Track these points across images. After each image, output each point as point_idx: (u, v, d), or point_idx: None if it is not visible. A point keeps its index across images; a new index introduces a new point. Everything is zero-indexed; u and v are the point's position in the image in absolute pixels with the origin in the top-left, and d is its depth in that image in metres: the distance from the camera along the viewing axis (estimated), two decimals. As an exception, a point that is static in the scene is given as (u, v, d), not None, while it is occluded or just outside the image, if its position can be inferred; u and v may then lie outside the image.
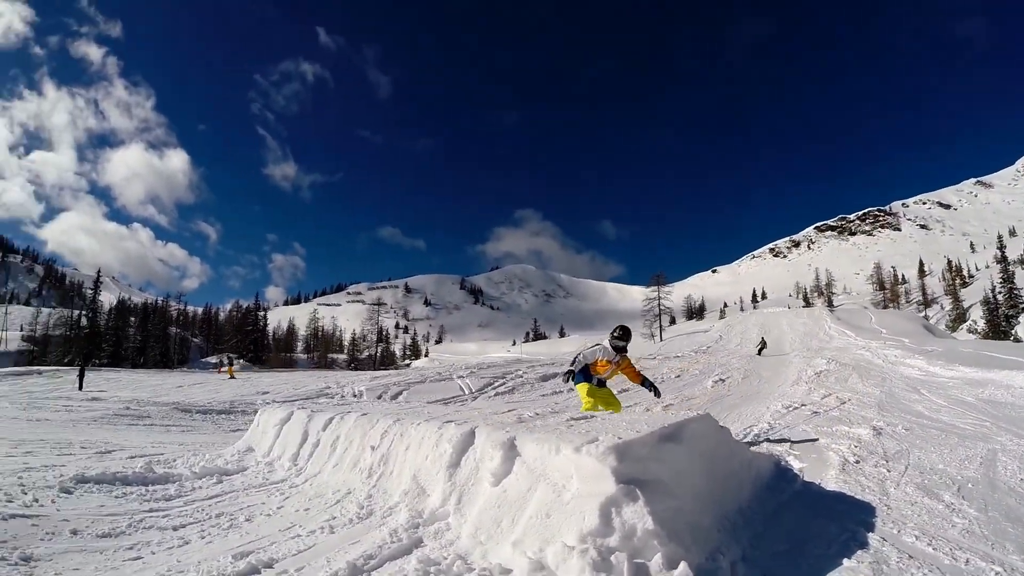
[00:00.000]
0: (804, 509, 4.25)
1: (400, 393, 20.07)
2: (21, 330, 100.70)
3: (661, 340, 72.04)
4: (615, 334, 8.21)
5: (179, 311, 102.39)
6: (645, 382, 8.16)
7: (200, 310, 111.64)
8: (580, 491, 3.41)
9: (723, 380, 18.37)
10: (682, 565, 2.92)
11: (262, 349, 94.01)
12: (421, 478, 4.28)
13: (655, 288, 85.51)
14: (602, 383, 8.32)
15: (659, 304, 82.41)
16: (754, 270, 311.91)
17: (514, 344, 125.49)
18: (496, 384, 19.51)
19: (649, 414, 5.54)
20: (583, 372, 8.23)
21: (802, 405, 10.40)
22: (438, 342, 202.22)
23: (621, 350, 8.17)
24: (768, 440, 7.08)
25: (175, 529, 4.31)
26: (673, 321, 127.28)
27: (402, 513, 4.03)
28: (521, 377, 20.66)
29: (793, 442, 6.76)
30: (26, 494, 5.06)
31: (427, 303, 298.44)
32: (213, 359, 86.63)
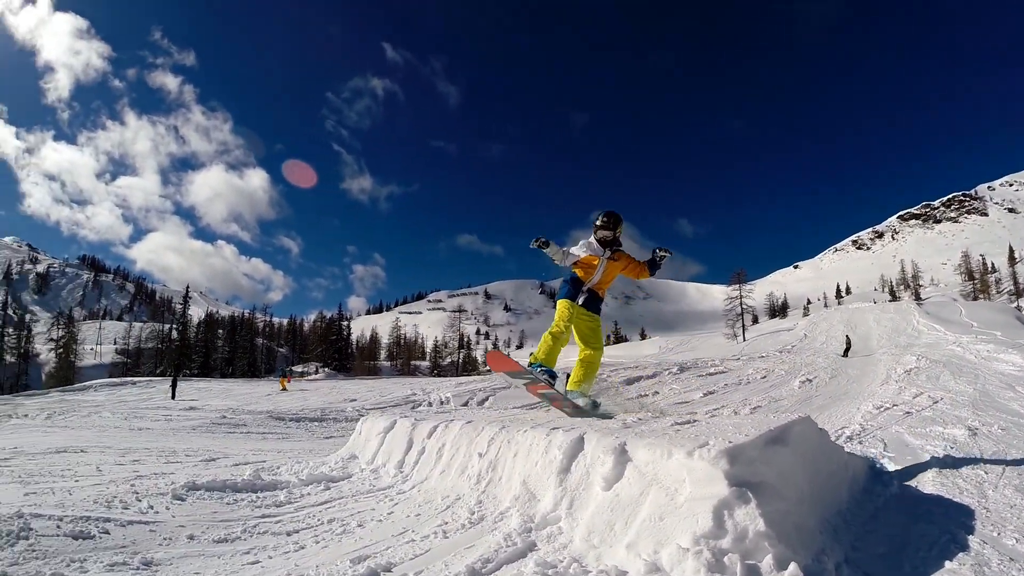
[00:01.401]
0: (902, 511, 4.15)
1: (486, 399, 20.21)
2: (115, 344, 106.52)
3: (744, 340, 71.00)
4: (598, 222, 6.90)
5: (265, 323, 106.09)
6: (652, 264, 7.00)
7: (285, 321, 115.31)
8: (693, 494, 3.36)
9: (810, 380, 17.99)
10: (792, 566, 2.88)
11: (346, 358, 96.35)
12: (531, 483, 4.27)
13: (736, 287, 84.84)
14: (593, 300, 6.91)
15: (740, 303, 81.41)
16: (837, 264, 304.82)
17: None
18: (581, 389, 19.44)
19: (739, 417, 5.43)
20: (572, 283, 6.86)
21: (893, 405, 10.10)
22: (519, 347, 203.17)
23: (611, 243, 6.90)
24: (861, 442, 6.86)
25: (288, 535, 4.39)
26: (756, 320, 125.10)
27: (514, 518, 4.03)
28: (606, 381, 20.53)
29: (887, 443, 6.55)
30: (140, 501, 5.23)
31: (507, 308, 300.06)
32: (299, 368, 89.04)
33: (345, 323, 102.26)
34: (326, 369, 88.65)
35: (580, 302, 6.80)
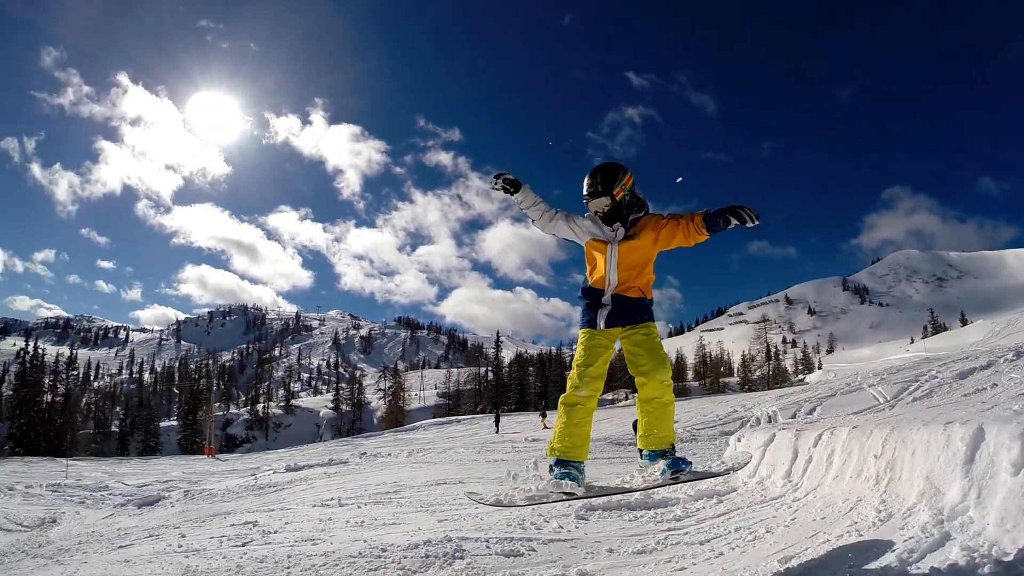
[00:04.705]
0: None
1: (814, 409, 19.65)
2: (435, 388, 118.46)
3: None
4: (585, 189, 4.67)
5: (572, 356, 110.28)
6: (712, 220, 4.35)
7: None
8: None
9: None
10: None
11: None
12: (934, 478, 4.36)
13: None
14: (626, 311, 4.62)
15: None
16: None
17: (912, 342, 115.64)
18: (911, 388, 18.23)
19: None
20: (585, 295, 4.78)
21: None
22: (829, 352, 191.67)
23: (615, 213, 4.66)
24: None
25: (701, 544, 4.77)
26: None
27: (923, 512, 4.15)
28: (936, 378, 19.07)
29: None
30: (548, 522, 6.00)
31: (811, 312, 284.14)
32: (609, 396, 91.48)
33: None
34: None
35: (603, 326, 4.62)
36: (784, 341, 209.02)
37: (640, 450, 4.76)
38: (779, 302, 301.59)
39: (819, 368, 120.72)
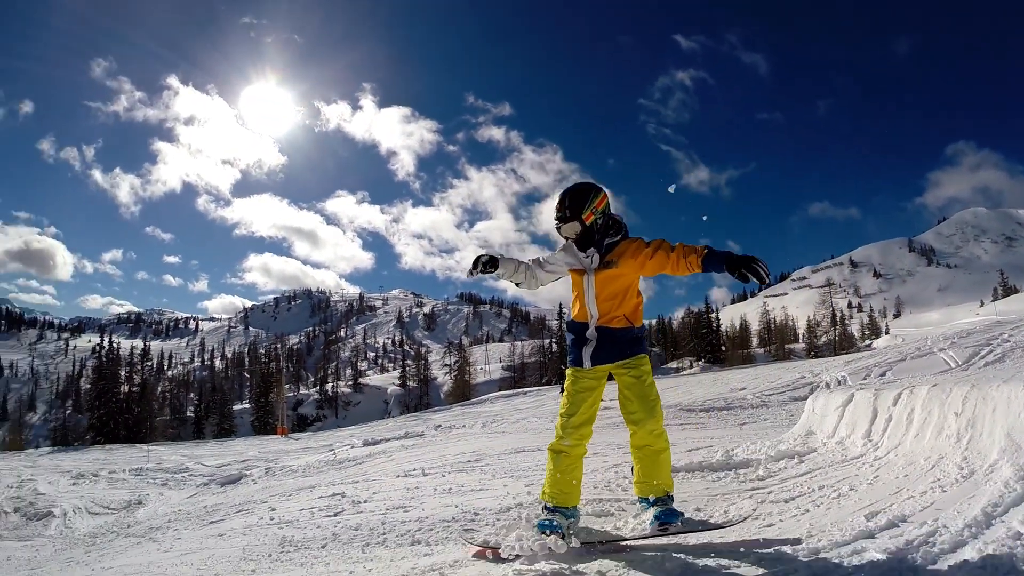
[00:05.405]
0: None
1: (884, 373, 19.41)
2: (500, 362, 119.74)
3: None
4: (555, 215, 4.55)
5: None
6: (709, 258, 4.12)
7: (654, 321, 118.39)
8: None
9: None
10: None
11: (717, 349, 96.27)
12: (1015, 435, 4.48)
13: None
14: (613, 346, 4.43)
15: None
16: None
17: (981, 305, 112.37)
18: (983, 353, 17.84)
19: None
20: (570, 329, 4.67)
21: None
22: (896, 316, 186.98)
23: (588, 238, 4.50)
24: None
25: (786, 502, 4.93)
26: None
27: (1005, 468, 4.25)
28: (1008, 342, 18.64)
29: None
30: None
31: (876, 275, 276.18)
32: (673, 364, 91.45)
33: (713, 315, 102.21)
34: (700, 363, 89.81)
35: (589, 364, 4.44)
36: (850, 306, 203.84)
37: (639, 497, 4.67)
38: (843, 265, 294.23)
39: (886, 333, 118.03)
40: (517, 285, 4.70)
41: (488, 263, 4.43)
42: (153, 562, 5.83)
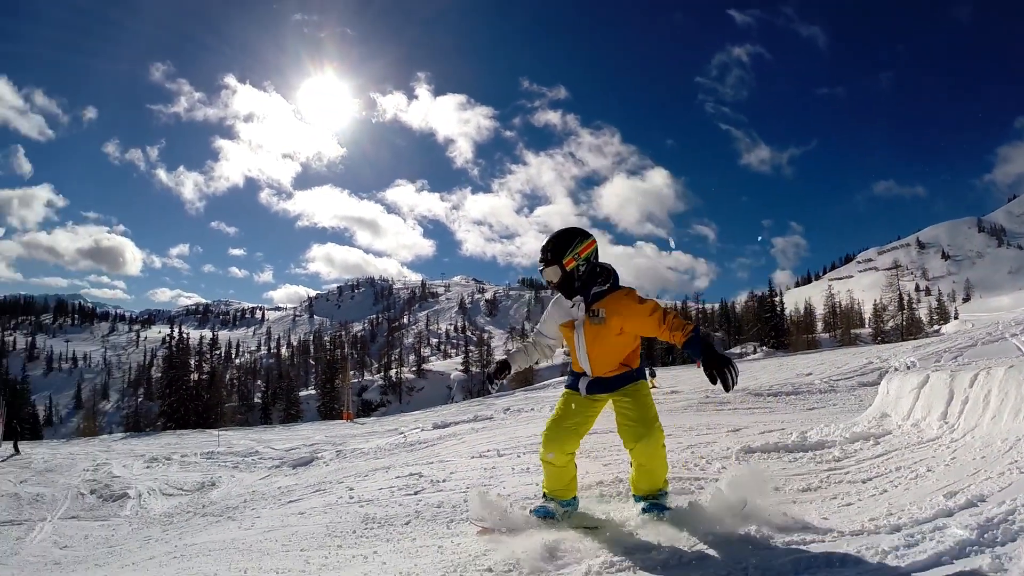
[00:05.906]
0: None
1: (955, 359, 19.14)
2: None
3: None
4: (539, 258, 4.53)
5: (697, 310, 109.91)
6: (691, 344, 4.09)
7: (716, 306, 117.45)
8: None
9: None
10: None
11: (781, 334, 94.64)
12: (1094, 417, 4.55)
13: None
14: (601, 386, 4.55)
15: None
16: None
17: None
18: (1058, 338, 17.49)
19: None
20: (571, 375, 4.84)
21: None
22: (966, 300, 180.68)
23: (570, 286, 4.49)
24: None
25: (863, 482, 5.02)
26: None
27: None
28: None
29: None
30: (710, 464, 6.39)
31: (944, 256, 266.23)
32: (737, 349, 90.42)
33: (776, 299, 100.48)
34: (764, 348, 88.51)
35: (584, 392, 4.58)
36: (917, 289, 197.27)
37: (635, 495, 4.70)
38: (910, 246, 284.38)
39: (955, 318, 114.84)
40: (537, 363, 5.14)
41: (498, 370, 4.84)
42: (236, 539, 6.13)
